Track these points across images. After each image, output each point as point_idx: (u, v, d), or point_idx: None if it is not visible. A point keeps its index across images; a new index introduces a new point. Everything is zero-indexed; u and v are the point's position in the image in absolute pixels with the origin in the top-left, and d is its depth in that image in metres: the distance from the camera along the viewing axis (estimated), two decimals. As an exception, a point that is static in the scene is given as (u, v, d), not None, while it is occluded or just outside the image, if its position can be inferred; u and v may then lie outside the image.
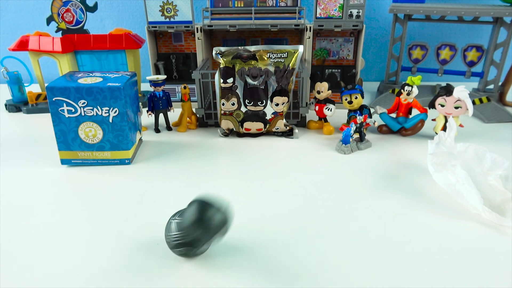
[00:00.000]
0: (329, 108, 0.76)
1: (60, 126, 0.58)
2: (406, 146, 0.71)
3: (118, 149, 0.61)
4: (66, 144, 0.60)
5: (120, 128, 0.59)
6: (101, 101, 0.57)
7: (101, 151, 0.61)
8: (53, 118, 0.58)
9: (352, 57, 0.95)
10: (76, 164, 0.62)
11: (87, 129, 0.59)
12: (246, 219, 0.47)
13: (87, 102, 0.57)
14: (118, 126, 0.59)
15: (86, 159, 0.61)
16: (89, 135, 0.59)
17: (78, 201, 0.52)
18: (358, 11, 0.85)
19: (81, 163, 0.61)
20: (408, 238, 0.43)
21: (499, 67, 0.93)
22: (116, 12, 1.22)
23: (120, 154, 0.61)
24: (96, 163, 0.62)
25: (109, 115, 0.58)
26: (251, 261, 0.40)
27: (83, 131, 0.59)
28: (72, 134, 0.59)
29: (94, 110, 0.58)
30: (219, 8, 0.91)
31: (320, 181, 0.57)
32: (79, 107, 0.57)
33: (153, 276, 0.38)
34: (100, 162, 0.62)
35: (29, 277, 0.38)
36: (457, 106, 0.68)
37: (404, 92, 0.73)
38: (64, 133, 0.59)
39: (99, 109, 0.58)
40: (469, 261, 0.40)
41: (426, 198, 0.52)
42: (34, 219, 0.48)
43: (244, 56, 0.70)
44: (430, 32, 1.19)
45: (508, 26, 0.89)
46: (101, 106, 0.58)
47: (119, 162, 0.62)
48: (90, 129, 0.59)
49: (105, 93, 0.57)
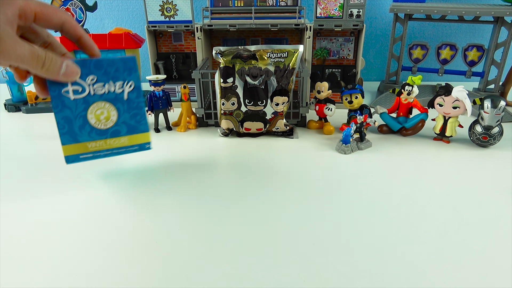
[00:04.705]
0: (329, 108, 0.76)
1: (63, 112, 0.46)
2: (406, 146, 0.71)
3: (136, 132, 0.51)
4: (72, 135, 0.48)
5: (137, 105, 0.50)
6: (113, 74, 0.47)
7: (116, 137, 0.50)
8: (54, 104, 0.45)
9: (352, 56, 0.95)
10: (85, 159, 0.50)
11: (98, 111, 0.48)
12: (246, 219, 0.47)
13: (96, 78, 0.46)
14: (135, 103, 0.50)
15: (98, 151, 0.49)
16: (101, 119, 0.48)
17: (78, 197, 0.52)
18: (358, 10, 0.85)
19: (91, 158, 0.50)
20: (411, 236, 0.43)
21: (499, 66, 0.92)
22: (116, 11, 1.21)
23: (139, 138, 0.52)
24: (111, 154, 0.50)
25: (124, 91, 0.48)
26: (251, 260, 0.40)
27: (94, 114, 0.47)
28: (79, 121, 0.47)
29: (106, 86, 0.47)
30: (219, 7, 0.91)
31: (320, 181, 0.57)
32: (88, 85, 0.46)
33: (153, 275, 0.38)
34: (116, 152, 0.51)
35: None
36: (455, 106, 0.68)
37: (405, 92, 0.73)
38: (69, 121, 0.47)
39: (112, 84, 0.47)
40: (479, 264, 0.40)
41: (426, 198, 0.52)
42: (33, 216, 0.48)
43: (244, 56, 0.69)
44: (430, 31, 1.19)
45: (509, 25, 0.89)
46: (114, 81, 0.47)
47: (138, 148, 0.52)
48: (102, 111, 0.48)
49: (118, 64, 0.47)
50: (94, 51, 0.47)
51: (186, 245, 0.42)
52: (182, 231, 0.45)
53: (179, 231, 0.45)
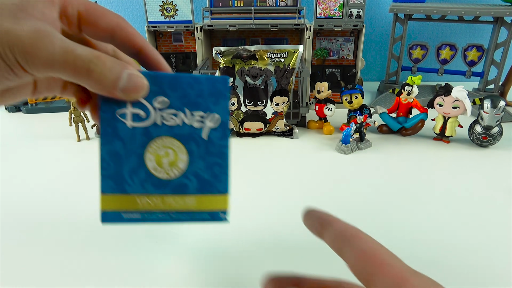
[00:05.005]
0: (329, 108, 0.76)
1: (113, 144, 0.30)
2: (406, 146, 0.71)
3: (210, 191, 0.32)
4: (118, 181, 0.31)
5: (219, 151, 0.33)
6: (193, 99, 0.31)
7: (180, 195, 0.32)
8: (103, 130, 0.29)
9: (352, 56, 0.95)
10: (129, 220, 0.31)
11: (161, 151, 0.31)
12: (245, 219, 0.47)
13: (169, 102, 0.30)
14: (217, 148, 0.33)
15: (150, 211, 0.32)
16: (163, 163, 0.31)
17: (77, 197, 0.52)
18: (358, 10, 0.85)
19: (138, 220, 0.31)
20: (410, 236, 0.43)
21: (499, 66, 0.92)
22: (116, 11, 1.21)
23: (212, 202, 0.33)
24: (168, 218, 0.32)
25: (203, 127, 0.32)
26: (251, 260, 0.40)
27: (155, 155, 0.31)
28: (132, 161, 0.31)
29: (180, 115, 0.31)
30: (219, 7, 0.91)
31: (320, 181, 0.57)
32: (155, 110, 0.30)
33: (153, 275, 0.38)
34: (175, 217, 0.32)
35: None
36: (455, 106, 0.68)
37: (404, 92, 0.73)
38: (118, 158, 0.30)
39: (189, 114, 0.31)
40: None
41: (426, 198, 0.52)
42: (34, 217, 0.48)
43: (244, 56, 0.69)
44: (430, 31, 1.19)
45: (508, 25, 0.89)
46: (192, 109, 0.31)
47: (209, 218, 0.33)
48: (167, 151, 0.31)
49: (202, 86, 0.31)
50: (162, 67, 0.31)
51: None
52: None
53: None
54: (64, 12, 0.26)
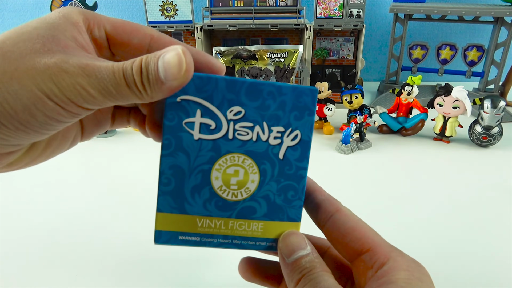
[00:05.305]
0: (329, 108, 0.76)
1: (176, 157, 0.26)
2: (406, 146, 0.71)
3: (280, 218, 0.29)
4: (178, 200, 0.27)
5: (296, 173, 0.29)
6: (274, 112, 0.26)
7: (246, 220, 0.28)
8: (166, 139, 0.26)
9: (352, 56, 0.95)
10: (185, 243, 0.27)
11: (230, 169, 0.27)
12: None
13: (244, 112, 0.26)
14: (293, 170, 0.29)
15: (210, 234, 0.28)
16: (231, 183, 0.27)
17: (78, 195, 0.52)
18: (358, 10, 0.85)
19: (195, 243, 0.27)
20: (410, 236, 0.43)
21: (499, 66, 0.92)
22: (116, 11, 1.21)
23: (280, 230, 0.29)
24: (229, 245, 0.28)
25: (281, 144, 0.27)
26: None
27: (222, 173, 0.27)
28: (196, 178, 0.27)
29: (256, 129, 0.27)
30: (219, 7, 0.91)
31: (320, 181, 0.57)
32: (227, 121, 0.26)
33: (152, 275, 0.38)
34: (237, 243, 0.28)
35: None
36: (455, 106, 0.68)
37: (405, 92, 0.73)
38: (180, 174, 0.26)
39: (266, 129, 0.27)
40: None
41: (426, 198, 0.52)
42: (38, 218, 0.48)
43: (244, 56, 0.69)
44: (430, 31, 1.19)
45: (508, 25, 0.89)
46: (270, 124, 0.27)
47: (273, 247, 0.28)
48: (237, 170, 0.27)
49: (286, 96, 0.26)
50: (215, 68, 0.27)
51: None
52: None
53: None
54: (91, 35, 0.23)
